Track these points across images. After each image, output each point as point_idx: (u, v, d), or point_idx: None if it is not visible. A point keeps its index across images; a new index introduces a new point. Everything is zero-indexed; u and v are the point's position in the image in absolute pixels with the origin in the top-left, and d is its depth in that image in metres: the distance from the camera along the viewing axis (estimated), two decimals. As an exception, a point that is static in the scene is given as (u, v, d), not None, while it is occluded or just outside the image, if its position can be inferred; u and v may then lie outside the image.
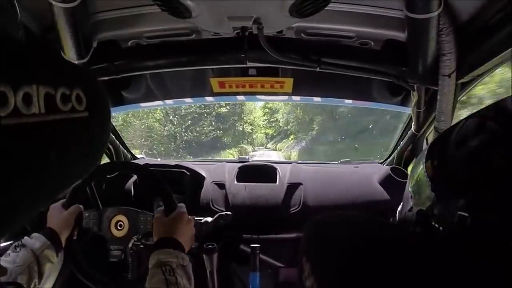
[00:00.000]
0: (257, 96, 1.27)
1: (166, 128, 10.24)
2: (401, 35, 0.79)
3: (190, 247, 0.70)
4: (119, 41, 0.91)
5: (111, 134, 1.32)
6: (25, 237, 0.67)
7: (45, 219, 0.76)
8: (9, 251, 0.63)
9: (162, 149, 9.72)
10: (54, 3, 0.67)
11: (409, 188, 0.33)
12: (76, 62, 0.81)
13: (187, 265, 0.61)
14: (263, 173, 1.29)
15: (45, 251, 0.66)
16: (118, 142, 1.36)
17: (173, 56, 0.93)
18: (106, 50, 0.89)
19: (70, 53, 0.79)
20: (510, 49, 0.62)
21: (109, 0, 0.77)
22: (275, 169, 1.30)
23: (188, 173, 1.24)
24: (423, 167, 0.29)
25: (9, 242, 0.78)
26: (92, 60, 0.84)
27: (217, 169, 1.34)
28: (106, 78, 0.93)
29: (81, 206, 0.80)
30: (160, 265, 0.58)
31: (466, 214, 0.23)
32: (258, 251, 1.02)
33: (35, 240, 0.67)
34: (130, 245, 0.81)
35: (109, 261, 0.82)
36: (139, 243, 0.83)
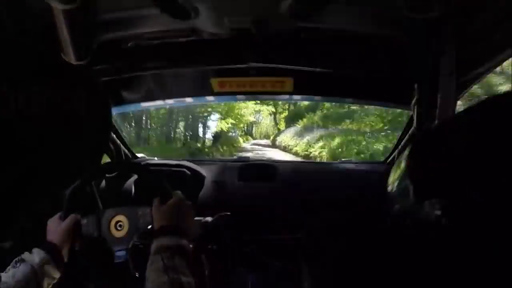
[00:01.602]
0: (258, 96, 1.27)
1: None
2: (401, 35, 0.79)
3: (194, 234, 0.69)
4: (119, 42, 0.91)
5: (112, 133, 1.32)
6: (25, 252, 0.67)
7: (45, 233, 0.76)
8: (9, 267, 0.63)
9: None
10: (54, 5, 0.67)
11: (393, 187, 0.32)
12: (76, 63, 0.81)
13: (188, 251, 0.60)
14: (263, 172, 1.29)
15: (45, 266, 0.66)
16: (119, 142, 1.37)
17: (173, 57, 0.94)
18: (106, 51, 0.89)
19: (70, 54, 0.79)
20: (510, 49, 0.62)
21: (109, 2, 0.78)
22: (275, 169, 1.30)
23: (188, 172, 1.24)
24: (405, 166, 0.29)
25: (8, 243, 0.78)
26: (92, 61, 0.84)
27: (217, 168, 1.34)
28: (106, 78, 0.93)
29: (78, 215, 0.79)
30: (159, 251, 0.57)
31: (443, 216, 0.22)
32: (257, 252, 1.02)
33: (34, 255, 0.66)
34: (130, 246, 0.81)
35: (114, 263, 0.82)
36: (139, 243, 0.83)
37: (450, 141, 0.26)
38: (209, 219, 0.97)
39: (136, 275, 0.80)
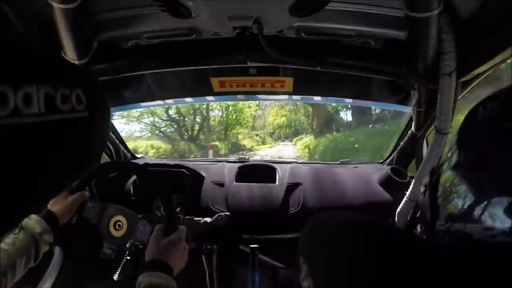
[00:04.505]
0: (258, 96, 1.27)
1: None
2: (401, 34, 0.79)
3: (177, 272, 0.69)
4: (119, 41, 0.91)
5: (111, 134, 1.32)
6: (25, 219, 0.67)
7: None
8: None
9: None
10: (53, 4, 0.67)
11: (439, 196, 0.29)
12: (76, 62, 0.81)
13: None
14: (262, 173, 1.29)
15: (44, 235, 0.67)
16: (118, 142, 1.37)
17: (173, 56, 0.94)
18: (106, 50, 0.89)
19: (70, 54, 0.79)
20: (510, 48, 0.62)
21: (109, 1, 0.77)
22: (274, 169, 1.30)
23: (188, 173, 1.24)
24: (455, 167, 0.26)
25: None
26: (92, 60, 0.84)
27: (216, 169, 1.34)
28: (106, 78, 0.93)
29: (86, 193, 0.80)
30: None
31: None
32: (257, 252, 1.02)
33: (35, 224, 0.67)
34: (128, 245, 0.81)
35: (100, 258, 0.82)
36: (138, 243, 0.83)
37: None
38: (208, 219, 0.97)
39: (118, 276, 0.80)
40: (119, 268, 0.79)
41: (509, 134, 0.22)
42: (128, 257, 0.80)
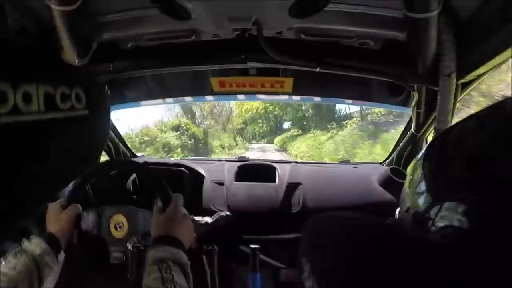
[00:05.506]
0: (257, 96, 1.27)
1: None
2: (401, 35, 0.79)
3: (190, 244, 0.69)
4: (118, 42, 0.91)
5: (111, 132, 1.32)
6: (25, 243, 0.67)
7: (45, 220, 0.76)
8: (9, 257, 0.63)
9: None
10: (53, 6, 0.67)
11: (406, 188, 0.32)
12: (75, 62, 0.81)
13: (184, 263, 0.60)
14: (262, 172, 1.29)
15: (45, 257, 0.67)
16: (117, 140, 1.37)
17: (173, 58, 0.94)
18: (105, 52, 0.89)
19: (69, 54, 0.79)
20: (510, 49, 0.62)
21: (109, 2, 0.77)
22: (274, 169, 1.30)
23: (187, 172, 1.24)
24: (420, 168, 0.29)
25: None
26: (91, 61, 0.84)
27: (216, 168, 1.34)
28: (106, 77, 0.93)
29: (79, 206, 0.79)
30: (156, 262, 0.58)
31: (463, 218, 0.22)
32: (258, 252, 1.02)
33: (35, 246, 0.67)
34: (129, 247, 0.81)
35: (110, 263, 0.82)
36: (139, 244, 0.83)
37: (469, 143, 0.25)
38: (208, 219, 0.97)
39: (130, 277, 0.80)
40: (130, 269, 0.79)
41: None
42: (130, 259, 0.80)
